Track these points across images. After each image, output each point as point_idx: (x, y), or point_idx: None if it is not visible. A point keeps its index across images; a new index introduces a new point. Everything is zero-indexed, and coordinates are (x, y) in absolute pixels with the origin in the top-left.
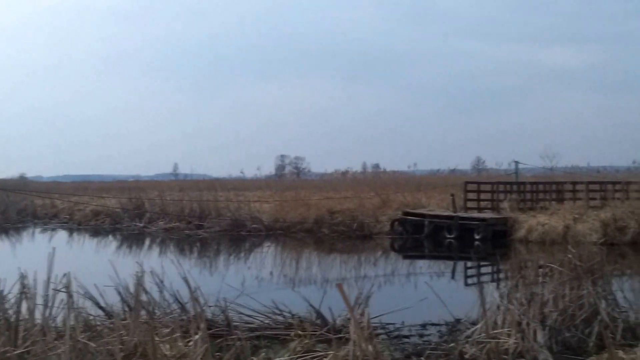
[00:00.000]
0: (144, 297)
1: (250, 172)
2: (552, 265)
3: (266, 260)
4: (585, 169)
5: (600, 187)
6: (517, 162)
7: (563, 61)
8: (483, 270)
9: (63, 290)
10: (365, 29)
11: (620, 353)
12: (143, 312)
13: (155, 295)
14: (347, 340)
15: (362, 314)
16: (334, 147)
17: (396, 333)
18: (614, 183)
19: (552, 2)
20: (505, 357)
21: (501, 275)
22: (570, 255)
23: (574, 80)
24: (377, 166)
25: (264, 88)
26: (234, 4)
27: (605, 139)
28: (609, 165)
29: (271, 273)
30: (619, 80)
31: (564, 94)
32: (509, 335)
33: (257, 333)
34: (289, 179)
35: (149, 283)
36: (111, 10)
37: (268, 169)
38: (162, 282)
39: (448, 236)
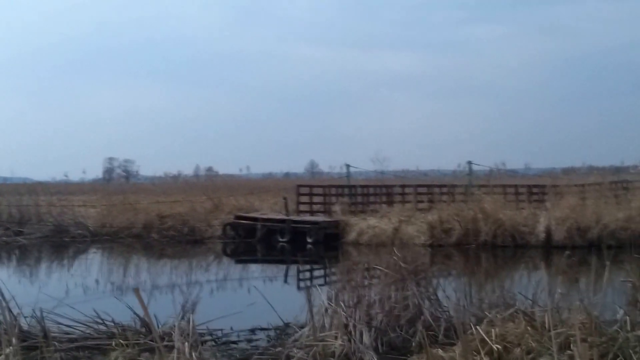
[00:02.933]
0: None
1: (75, 176)
2: (379, 268)
3: (91, 267)
4: (414, 173)
5: (427, 190)
6: (348, 166)
7: (396, 67)
8: (315, 273)
9: None
10: (198, 28)
11: (440, 352)
12: None
13: None
14: (173, 347)
15: (188, 321)
16: (165, 149)
17: (224, 339)
18: (440, 186)
19: (384, 9)
20: (331, 359)
21: (332, 278)
22: (395, 257)
23: (405, 86)
24: (210, 169)
25: (90, 87)
26: None
27: (432, 144)
28: (436, 169)
29: (97, 281)
30: (446, 86)
31: (395, 99)
32: (336, 338)
33: (77, 344)
34: (117, 182)
35: None
36: None
37: (95, 172)
38: None
39: (281, 240)
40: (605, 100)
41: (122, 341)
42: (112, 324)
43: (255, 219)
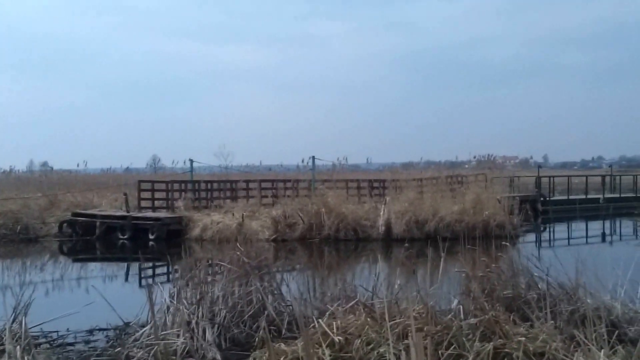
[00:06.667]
0: None
1: None
2: (222, 263)
3: None
4: (258, 168)
5: (272, 185)
6: (192, 161)
7: (241, 60)
8: (157, 271)
9: None
10: (31, 15)
11: (283, 346)
12: None
13: None
14: (4, 352)
15: (20, 323)
16: None
17: (60, 341)
18: (284, 181)
19: (226, 1)
20: (173, 357)
21: (175, 276)
22: (239, 253)
23: (250, 78)
24: (45, 164)
25: None
26: None
27: (276, 138)
28: (280, 164)
29: None
30: (290, 80)
31: (239, 93)
32: (178, 336)
33: None
34: None
35: None
36: None
37: None
38: None
39: (121, 237)
40: (442, 97)
41: None
42: None
43: (93, 216)
